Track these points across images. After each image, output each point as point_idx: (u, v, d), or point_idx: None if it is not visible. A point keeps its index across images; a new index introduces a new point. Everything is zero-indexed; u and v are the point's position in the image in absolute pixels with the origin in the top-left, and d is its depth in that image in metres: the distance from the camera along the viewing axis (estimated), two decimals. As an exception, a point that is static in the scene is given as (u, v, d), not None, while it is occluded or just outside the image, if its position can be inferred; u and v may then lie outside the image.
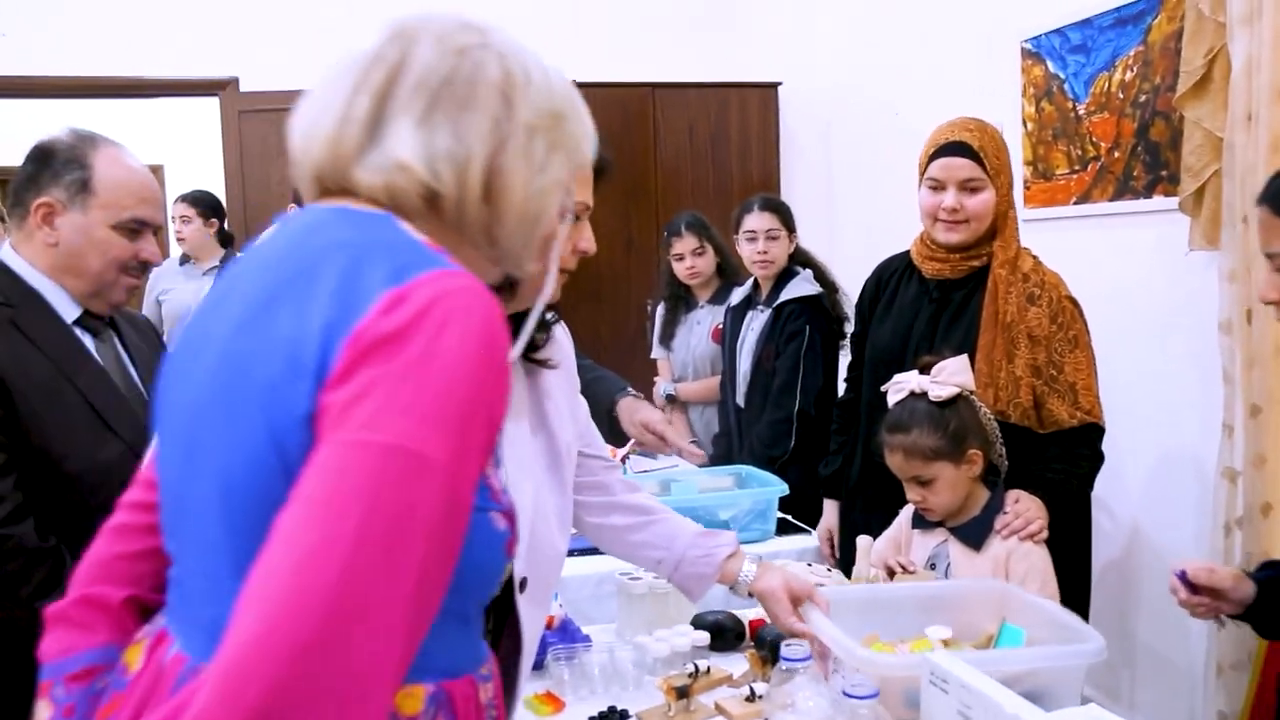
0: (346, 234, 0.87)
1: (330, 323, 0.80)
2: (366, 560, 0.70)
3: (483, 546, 0.88)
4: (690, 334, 3.81)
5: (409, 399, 0.75)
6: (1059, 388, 2.20)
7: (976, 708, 1.32)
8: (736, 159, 5.22)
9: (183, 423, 0.91)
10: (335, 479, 0.73)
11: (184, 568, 0.92)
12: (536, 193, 0.96)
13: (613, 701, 1.71)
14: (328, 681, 0.67)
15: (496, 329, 0.81)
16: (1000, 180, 2.27)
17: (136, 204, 1.80)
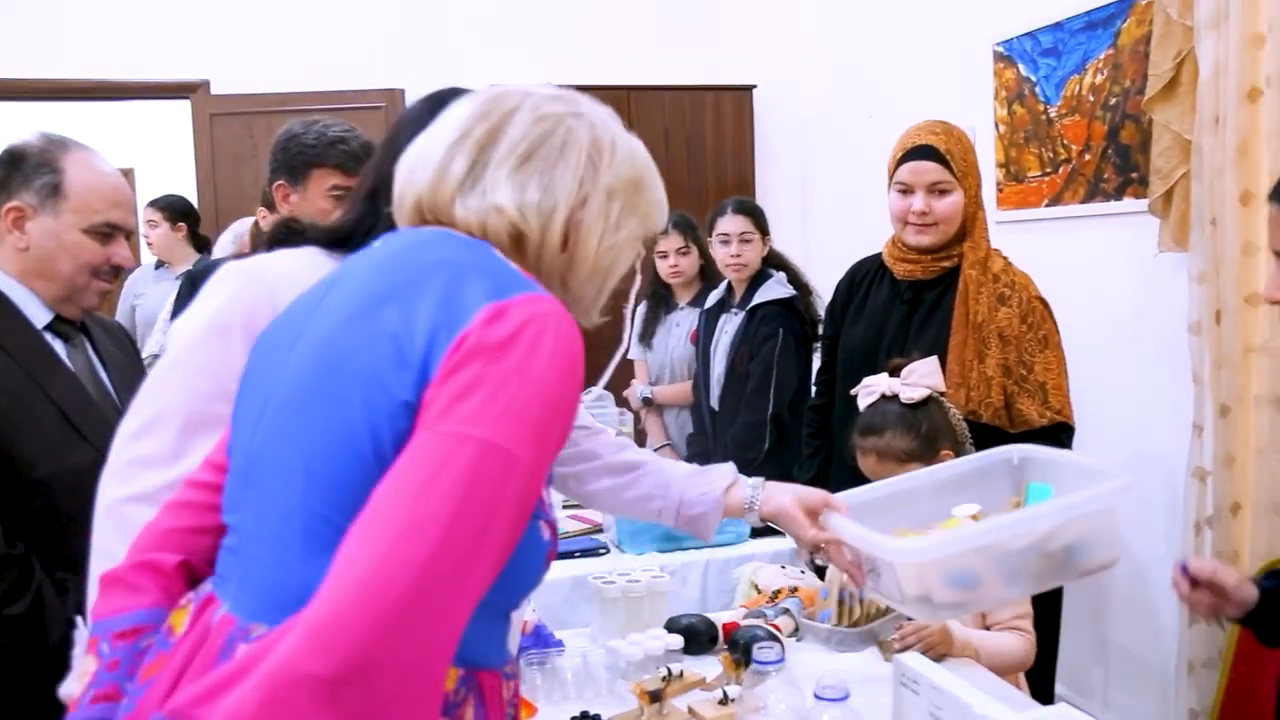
0: (452, 253, 0.98)
1: (436, 326, 0.89)
2: (456, 542, 0.79)
3: (529, 551, 0.94)
4: (669, 335, 3.80)
5: (507, 402, 0.84)
6: (1029, 387, 2.22)
7: (948, 709, 1.33)
8: (712, 162, 5.23)
9: (269, 407, 0.98)
10: (437, 465, 0.81)
11: (245, 536, 0.98)
12: (609, 248, 1.07)
13: (585, 706, 1.70)
14: (407, 644, 0.75)
15: (579, 350, 0.91)
16: (968, 182, 2.29)
17: (108, 208, 1.79)
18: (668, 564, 2.39)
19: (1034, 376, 2.23)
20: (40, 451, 1.67)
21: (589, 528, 2.75)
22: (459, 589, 0.79)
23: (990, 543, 1.47)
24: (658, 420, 3.86)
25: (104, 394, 1.83)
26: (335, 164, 2.01)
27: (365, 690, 0.73)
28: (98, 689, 1.00)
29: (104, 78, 4.84)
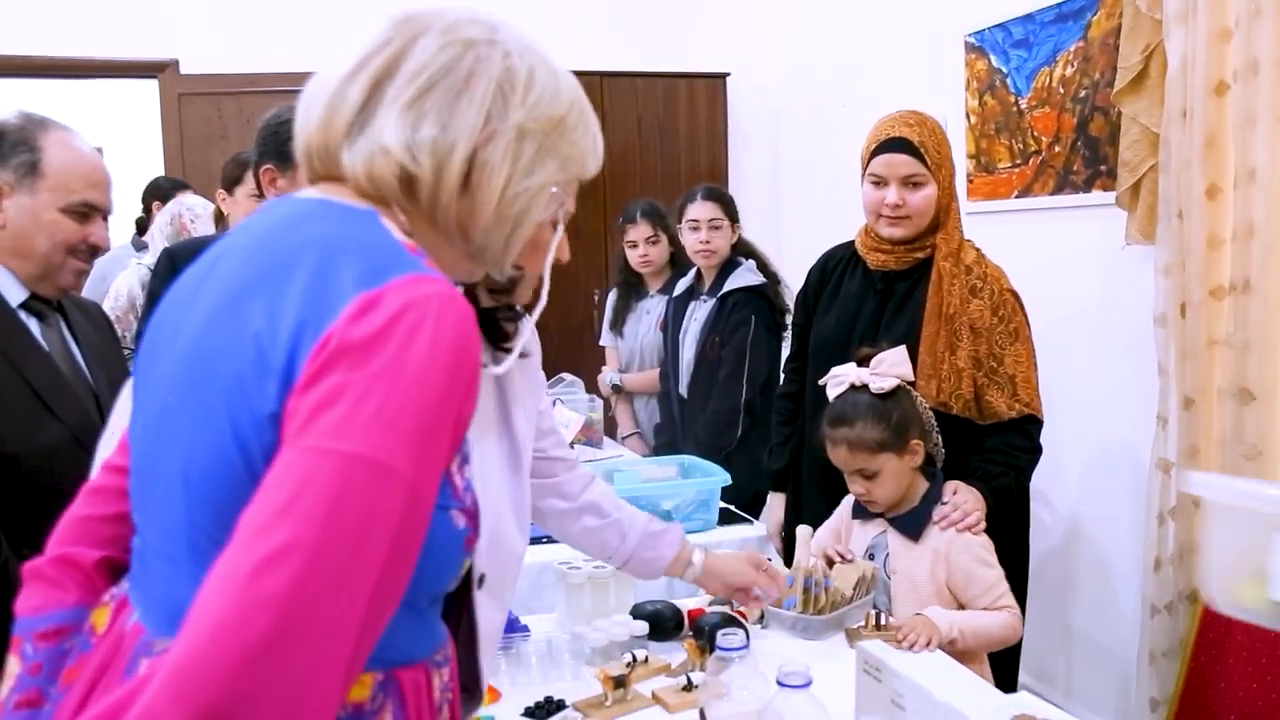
0: (325, 229, 0.88)
1: (301, 322, 0.80)
2: (325, 568, 0.71)
3: (441, 543, 0.88)
4: (639, 323, 3.80)
5: (375, 409, 0.76)
6: (998, 379, 2.22)
7: (909, 695, 1.33)
8: (684, 149, 5.22)
9: (153, 403, 0.92)
10: (298, 486, 0.73)
11: (146, 542, 0.93)
12: (518, 194, 0.96)
13: (550, 691, 1.70)
14: (275, 684, 0.68)
15: (467, 335, 0.82)
16: (942, 174, 2.29)
17: (86, 187, 1.78)
18: (635, 551, 2.39)
19: (1004, 369, 2.23)
20: (10, 429, 1.66)
21: (557, 514, 2.74)
22: (337, 619, 0.72)
23: None
24: (627, 408, 3.86)
25: (78, 374, 1.82)
26: None
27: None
28: (20, 694, 0.97)
29: (69, 55, 4.77)
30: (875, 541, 2.12)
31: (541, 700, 1.67)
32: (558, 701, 1.66)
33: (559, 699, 1.67)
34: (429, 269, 0.86)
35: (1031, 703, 1.65)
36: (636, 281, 3.83)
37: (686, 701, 1.64)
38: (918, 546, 2.06)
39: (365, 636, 0.74)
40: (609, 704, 1.65)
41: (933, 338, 2.24)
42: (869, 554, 2.12)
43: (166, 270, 2.27)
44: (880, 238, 2.35)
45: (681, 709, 1.63)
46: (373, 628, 0.75)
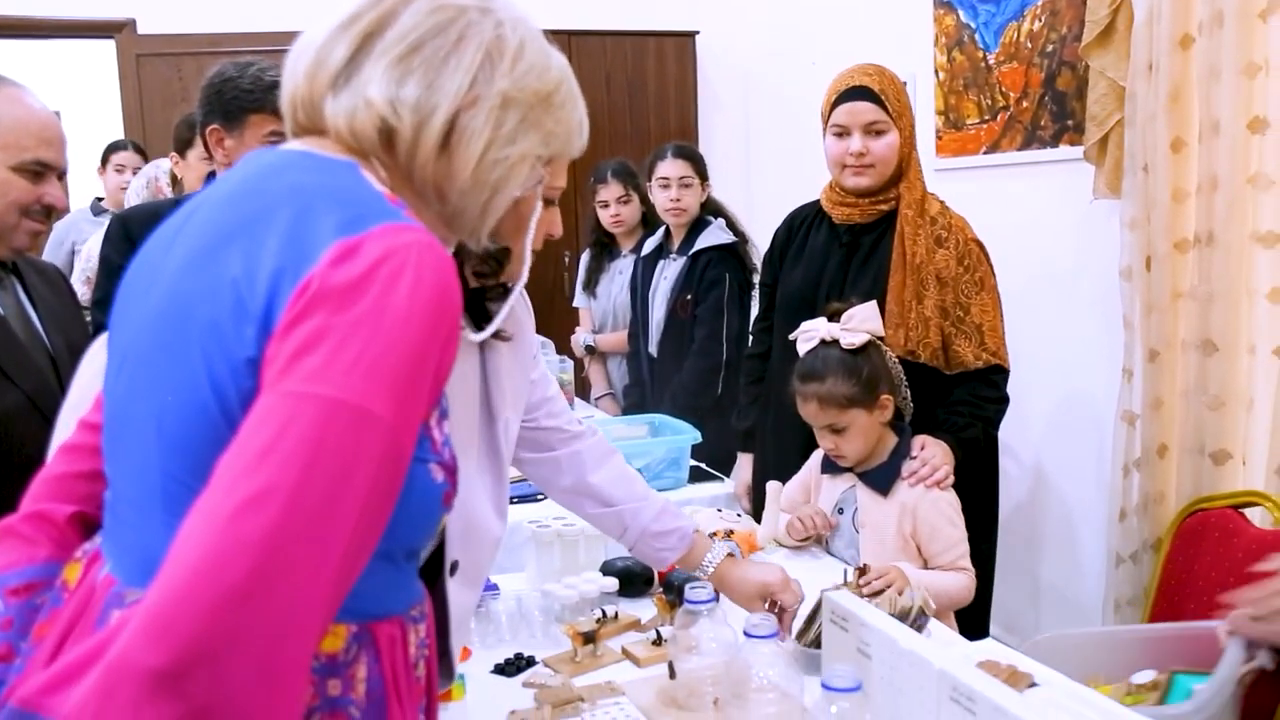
0: (304, 178, 0.88)
1: (279, 268, 0.80)
2: (303, 513, 0.72)
3: (419, 497, 0.88)
4: (612, 283, 3.79)
5: (356, 354, 0.76)
6: (965, 329, 2.24)
7: (875, 644, 1.34)
8: (654, 109, 5.18)
9: (127, 354, 0.91)
10: (278, 430, 0.73)
11: (118, 494, 0.93)
12: (497, 162, 0.96)
13: (520, 648, 1.70)
14: (253, 627, 0.69)
15: (448, 285, 0.82)
16: (903, 122, 2.30)
17: (38, 145, 1.72)
18: (606, 509, 2.39)
19: (970, 318, 2.25)
20: None
21: (528, 474, 2.74)
22: (315, 563, 0.72)
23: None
24: (601, 368, 3.86)
25: (34, 337, 1.79)
26: (274, 110, 1.95)
27: (211, 679, 0.68)
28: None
29: (24, 15, 4.66)
30: (844, 496, 2.14)
31: (511, 657, 1.67)
32: (528, 658, 1.67)
33: (529, 655, 1.68)
34: (409, 219, 0.86)
35: (993, 648, 1.67)
36: (609, 242, 3.82)
37: (656, 656, 1.65)
38: (886, 501, 2.07)
39: (341, 582, 0.75)
40: (578, 659, 1.65)
41: (899, 287, 2.25)
42: (838, 508, 2.14)
43: (119, 236, 2.22)
44: (844, 190, 2.35)
45: (651, 663, 1.64)
46: (348, 574, 0.76)
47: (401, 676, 0.92)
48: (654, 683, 1.56)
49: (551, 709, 1.47)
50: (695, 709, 1.45)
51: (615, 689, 1.54)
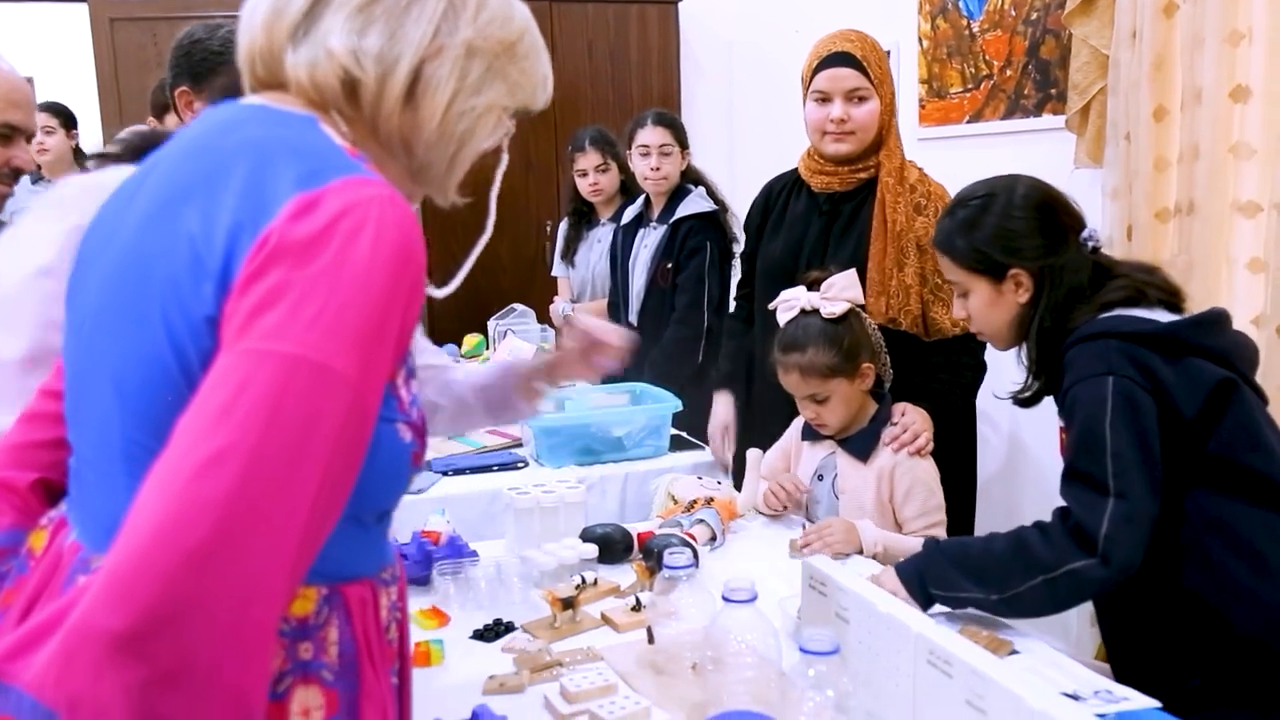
0: (263, 132, 0.86)
1: (237, 224, 0.78)
2: (264, 472, 0.70)
3: (388, 457, 0.87)
4: (591, 252, 3.77)
5: (317, 310, 0.74)
6: (943, 296, 2.23)
7: (853, 608, 1.34)
8: (636, 77, 5.13)
9: (86, 316, 0.89)
10: (237, 389, 0.72)
11: (81, 459, 0.92)
12: (463, 113, 0.95)
13: (499, 614, 1.70)
14: (216, 588, 0.68)
15: (411, 239, 0.80)
16: (884, 90, 2.29)
17: (7, 108, 1.69)
18: (586, 477, 2.39)
19: (948, 286, 2.24)
20: None
21: (507, 442, 2.73)
22: (278, 523, 0.71)
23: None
24: (580, 338, 3.83)
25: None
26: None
27: (173, 642, 0.66)
28: None
29: (-5, -22, 4.58)
30: (824, 462, 2.14)
31: (490, 623, 1.66)
32: (507, 624, 1.66)
33: (508, 621, 1.67)
34: (370, 172, 0.84)
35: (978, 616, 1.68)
36: (588, 210, 3.79)
37: (635, 621, 1.65)
38: (866, 467, 2.07)
39: (307, 544, 0.74)
40: (557, 625, 1.65)
41: (880, 255, 2.24)
42: (818, 475, 2.14)
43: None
44: (824, 158, 2.34)
45: (630, 629, 1.64)
46: (315, 536, 0.75)
47: (374, 639, 0.91)
48: (633, 648, 1.55)
49: (530, 673, 1.46)
50: (674, 673, 1.45)
51: (594, 654, 1.54)
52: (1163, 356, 1.53)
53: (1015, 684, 1.08)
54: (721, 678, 1.33)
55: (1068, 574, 1.47)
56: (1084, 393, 1.54)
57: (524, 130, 4.92)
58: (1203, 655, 1.52)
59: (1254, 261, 2.43)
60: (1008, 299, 1.71)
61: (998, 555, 1.55)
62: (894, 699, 1.26)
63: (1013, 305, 1.71)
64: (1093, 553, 1.46)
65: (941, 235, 1.76)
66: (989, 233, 1.69)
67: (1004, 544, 1.56)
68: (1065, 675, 1.44)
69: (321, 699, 0.85)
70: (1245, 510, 1.52)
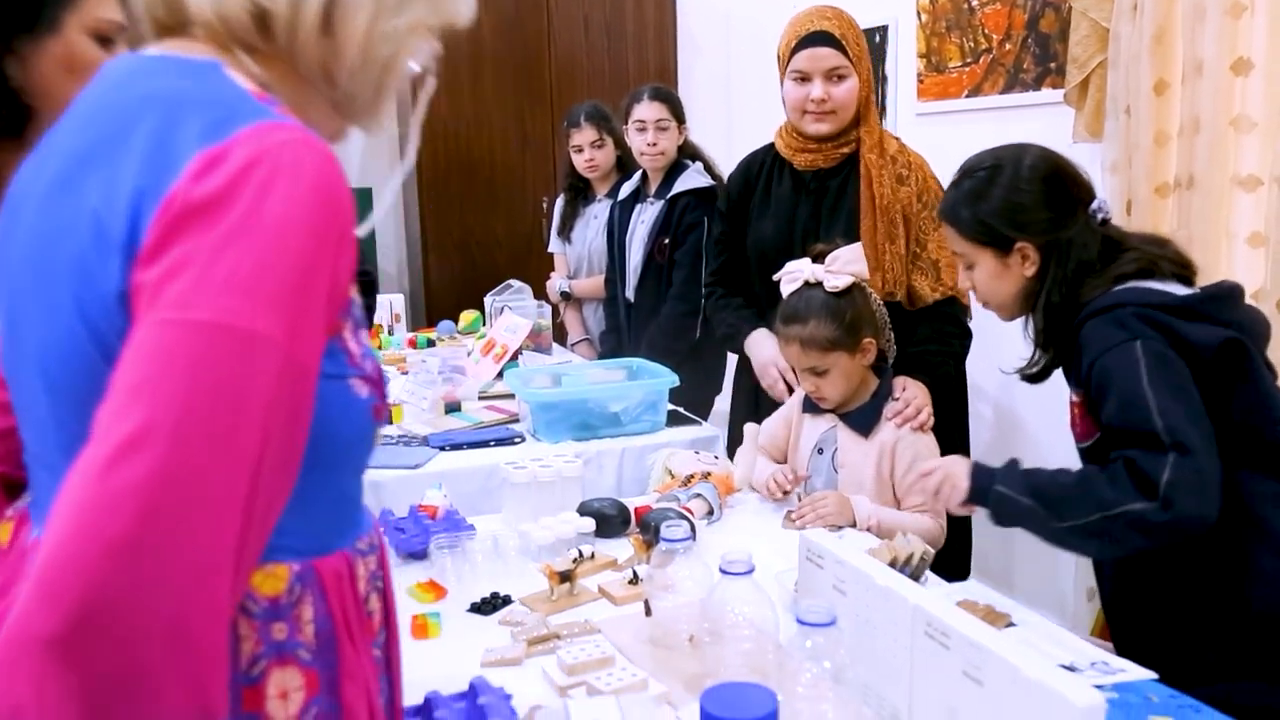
0: (163, 85, 0.80)
1: (140, 189, 0.73)
2: (189, 451, 0.66)
3: (344, 416, 0.83)
4: (587, 228, 3.76)
5: (229, 271, 0.69)
6: (922, 265, 2.27)
7: (850, 581, 1.34)
8: (633, 52, 5.10)
9: (8, 303, 0.84)
10: (149, 364, 0.67)
11: (29, 452, 0.88)
12: (385, 36, 0.89)
13: (497, 588, 1.70)
14: (149, 580, 0.64)
15: (332, 183, 0.75)
16: (862, 66, 2.30)
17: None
18: (583, 452, 2.38)
19: (926, 254, 2.28)
20: None
21: (504, 417, 2.73)
22: (214, 504, 0.66)
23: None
24: (576, 314, 3.83)
25: None
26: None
27: (109, 643, 0.63)
28: None
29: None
30: (824, 436, 2.13)
31: (488, 596, 1.66)
32: (504, 597, 1.66)
33: (505, 594, 1.67)
34: (281, 115, 0.78)
35: (978, 591, 1.68)
36: (583, 186, 3.78)
37: (632, 595, 1.65)
38: (867, 442, 2.07)
39: (255, 521, 0.70)
40: (555, 598, 1.65)
41: (871, 230, 2.26)
42: (818, 449, 2.14)
43: None
44: (805, 136, 2.34)
45: (627, 602, 1.64)
46: (264, 511, 0.71)
47: (352, 614, 0.87)
48: (630, 621, 1.55)
49: (527, 645, 1.46)
50: (671, 646, 1.45)
51: (591, 627, 1.54)
52: (1185, 320, 1.51)
53: (1012, 655, 1.07)
54: (718, 650, 1.33)
55: (1125, 514, 1.45)
56: (1112, 361, 1.52)
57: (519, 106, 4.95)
58: (1212, 630, 1.51)
59: (1254, 236, 2.42)
60: (1014, 271, 1.69)
61: (1063, 485, 1.55)
62: (891, 670, 1.26)
63: (1019, 278, 1.69)
64: (1153, 497, 1.43)
65: (947, 206, 1.74)
66: (995, 205, 1.67)
67: (1071, 477, 1.55)
68: (1062, 648, 1.44)
69: (300, 679, 0.82)
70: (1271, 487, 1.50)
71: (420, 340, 3.85)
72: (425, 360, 3.23)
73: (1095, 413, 1.59)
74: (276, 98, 0.83)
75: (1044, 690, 1.02)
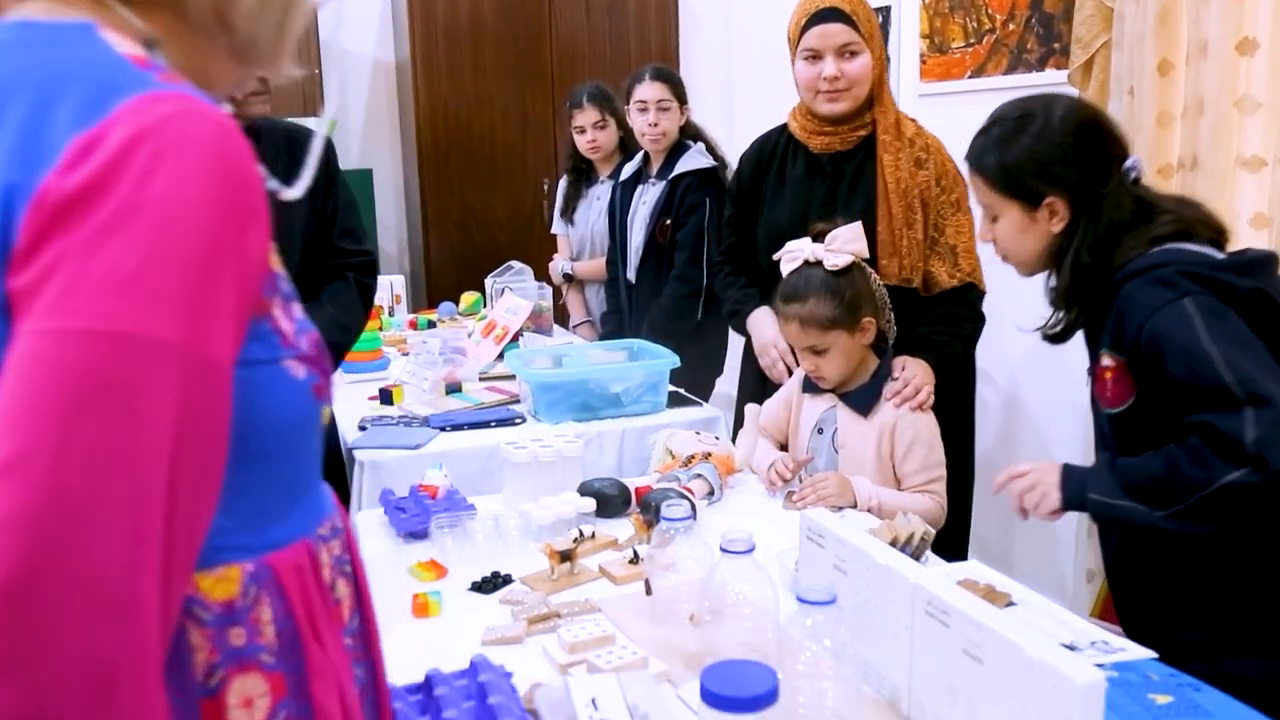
0: (28, 61, 0.71)
1: (10, 186, 0.65)
2: (79, 473, 0.59)
3: (281, 401, 0.77)
4: (590, 210, 3.75)
5: (107, 270, 0.62)
6: (940, 250, 2.24)
7: (850, 560, 1.34)
8: (634, 32, 5.08)
9: None
10: (24, 382, 0.60)
11: None
12: None
13: (497, 567, 1.70)
14: (47, 624, 0.58)
15: (229, 155, 0.68)
16: (874, 43, 2.27)
17: None
18: (584, 433, 2.38)
19: (945, 239, 2.25)
20: None
21: (505, 398, 2.73)
22: (118, 529, 0.60)
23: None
24: (579, 296, 3.83)
25: None
26: None
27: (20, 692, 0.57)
28: None
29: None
30: (824, 416, 2.13)
31: (489, 575, 1.66)
32: (504, 576, 1.67)
33: (506, 574, 1.67)
34: (165, 84, 0.70)
35: (979, 568, 1.68)
36: (586, 168, 3.77)
37: (633, 574, 1.65)
38: (866, 422, 2.07)
39: (181, 537, 0.64)
40: (555, 578, 1.65)
41: (888, 215, 2.23)
42: (818, 428, 2.13)
43: None
44: (820, 118, 2.31)
45: (628, 581, 1.64)
46: (189, 525, 0.65)
47: (317, 607, 0.82)
48: (630, 600, 1.56)
49: (527, 624, 1.47)
50: (671, 624, 1.45)
51: (591, 606, 1.54)
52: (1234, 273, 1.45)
53: (1013, 634, 1.07)
54: (719, 628, 1.33)
55: (1222, 489, 1.38)
56: (1163, 322, 1.45)
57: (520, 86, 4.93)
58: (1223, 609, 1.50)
59: (1257, 217, 2.41)
60: (1040, 227, 1.62)
61: (1153, 475, 1.47)
62: (891, 649, 1.26)
63: (1045, 234, 1.62)
64: (1243, 462, 1.37)
65: (974, 154, 1.67)
66: (1023, 156, 1.59)
67: (1158, 464, 1.47)
68: (1063, 627, 1.44)
69: (264, 685, 0.77)
70: None
71: (421, 321, 3.85)
72: (426, 341, 3.23)
73: (1141, 376, 1.51)
74: (164, 54, 0.76)
75: (1044, 668, 1.02)
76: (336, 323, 2.34)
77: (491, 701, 1.21)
